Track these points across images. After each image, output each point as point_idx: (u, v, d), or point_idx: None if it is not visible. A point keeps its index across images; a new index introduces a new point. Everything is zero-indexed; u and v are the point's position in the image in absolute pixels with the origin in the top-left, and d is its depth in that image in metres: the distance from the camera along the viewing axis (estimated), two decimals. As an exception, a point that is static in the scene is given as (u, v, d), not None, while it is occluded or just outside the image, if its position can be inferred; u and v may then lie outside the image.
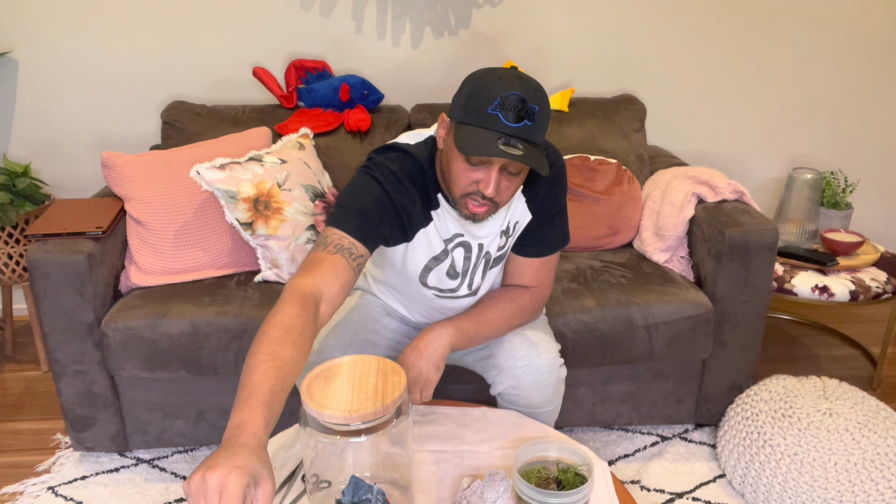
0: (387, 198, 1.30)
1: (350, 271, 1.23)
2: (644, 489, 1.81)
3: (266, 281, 1.92)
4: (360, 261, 1.25)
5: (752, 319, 1.89)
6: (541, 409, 1.48)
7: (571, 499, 1.11)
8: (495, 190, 1.21)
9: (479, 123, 1.17)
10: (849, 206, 2.39)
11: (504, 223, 1.40)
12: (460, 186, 1.24)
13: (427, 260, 1.39)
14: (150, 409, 1.87)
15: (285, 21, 2.36)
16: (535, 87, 1.19)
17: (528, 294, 1.46)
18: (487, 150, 1.14)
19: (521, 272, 1.47)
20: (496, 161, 1.19)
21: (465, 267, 1.41)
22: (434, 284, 1.44)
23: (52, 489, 1.83)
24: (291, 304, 1.11)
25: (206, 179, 1.83)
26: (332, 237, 1.25)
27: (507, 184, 1.23)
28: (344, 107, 2.27)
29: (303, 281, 1.17)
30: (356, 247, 1.25)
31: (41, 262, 1.70)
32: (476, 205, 1.24)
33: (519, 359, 1.43)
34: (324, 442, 1.06)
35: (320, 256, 1.22)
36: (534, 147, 1.19)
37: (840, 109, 2.63)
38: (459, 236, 1.38)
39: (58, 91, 2.39)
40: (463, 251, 1.40)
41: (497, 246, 1.42)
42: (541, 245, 1.44)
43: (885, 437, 1.65)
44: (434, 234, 1.37)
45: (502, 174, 1.21)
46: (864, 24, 2.51)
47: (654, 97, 2.55)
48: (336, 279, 1.20)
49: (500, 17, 2.41)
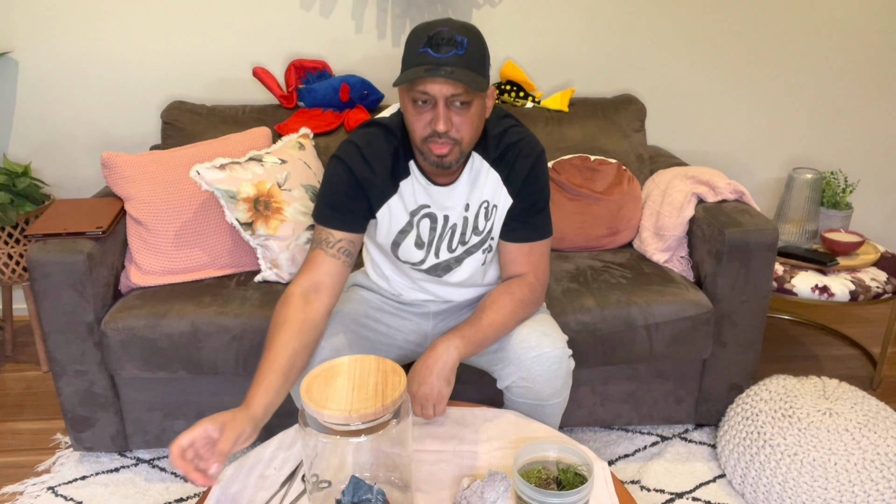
0: (352, 176, 1.40)
1: (332, 260, 1.39)
2: (644, 489, 1.81)
3: (266, 281, 1.92)
4: (340, 245, 1.40)
5: (752, 319, 1.89)
6: (549, 401, 1.48)
7: (571, 499, 1.11)
8: (445, 124, 1.27)
9: (413, 64, 1.26)
10: (849, 206, 2.39)
11: (470, 196, 1.45)
12: (418, 132, 1.31)
13: (395, 234, 1.47)
14: (150, 409, 1.87)
15: (285, 21, 2.36)
16: (462, 24, 1.28)
17: (525, 285, 1.46)
18: (414, 76, 1.23)
19: (513, 259, 1.49)
20: (438, 96, 1.25)
21: (431, 237, 1.47)
22: (406, 258, 1.50)
23: (52, 489, 1.83)
24: (291, 301, 1.33)
25: (206, 179, 1.83)
26: (320, 234, 1.42)
27: (459, 118, 1.29)
28: (344, 107, 2.28)
29: (301, 280, 1.37)
30: (332, 235, 1.40)
31: (41, 262, 1.70)
32: (437, 145, 1.30)
33: (529, 349, 1.43)
34: (324, 442, 1.06)
35: (313, 255, 1.40)
36: (470, 72, 1.25)
37: (840, 109, 2.63)
38: (426, 207, 1.45)
39: (58, 91, 2.39)
40: (429, 222, 1.46)
41: (463, 219, 1.46)
42: (527, 230, 1.47)
43: (885, 437, 1.65)
44: (399, 206, 1.44)
45: (451, 109, 1.28)
46: (864, 25, 2.51)
47: (654, 97, 2.55)
48: (316, 270, 1.38)
49: (500, 17, 2.41)
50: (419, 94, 1.26)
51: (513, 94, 2.37)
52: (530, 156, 1.43)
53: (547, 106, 2.33)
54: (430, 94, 1.26)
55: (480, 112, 1.33)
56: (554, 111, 2.30)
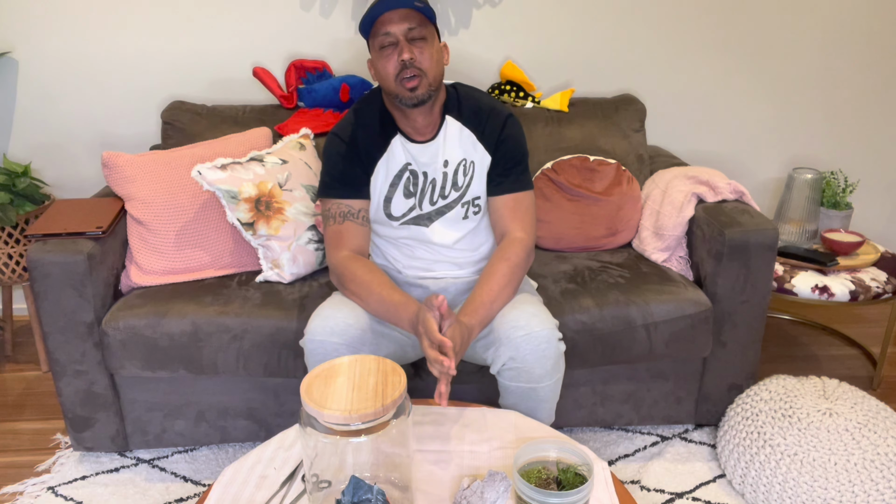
0: (344, 145, 1.59)
1: (362, 228, 1.60)
2: (644, 489, 1.82)
3: (267, 281, 1.92)
4: (362, 214, 1.61)
5: (752, 319, 1.89)
6: (541, 383, 1.50)
7: (571, 499, 1.11)
8: (409, 52, 1.46)
9: (370, 11, 1.46)
10: (849, 206, 2.39)
11: (448, 154, 1.60)
12: (390, 72, 1.49)
13: (387, 189, 1.62)
14: (150, 409, 1.87)
15: (285, 21, 2.36)
16: None
17: (518, 244, 1.58)
18: (373, 12, 1.44)
19: (501, 216, 1.62)
20: (398, 32, 1.46)
21: (416, 189, 1.62)
22: (397, 213, 1.63)
23: (52, 489, 1.83)
24: (353, 264, 1.55)
25: (207, 179, 1.83)
26: (332, 208, 1.60)
27: (419, 51, 1.48)
28: (344, 107, 2.28)
29: (339, 254, 1.57)
30: (352, 206, 1.60)
31: (41, 262, 1.71)
32: (407, 80, 1.47)
33: (518, 329, 1.47)
34: (324, 442, 1.06)
35: (335, 230, 1.59)
36: (418, 5, 1.45)
37: (840, 109, 2.63)
38: (408, 165, 1.61)
39: (58, 91, 2.39)
40: (411, 177, 1.62)
41: (442, 174, 1.61)
42: (509, 181, 1.61)
43: (885, 437, 1.65)
44: (389, 162, 1.61)
45: (412, 44, 1.47)
46: (863, 25, 2.51)
47: (654, 97, 2.55)
48: (356, 239, 1.59)
49: (500, 17, 2.41)
50: (382, 37, 1.47)
51: (513, 94, 2.37)
52: (499, 115, 1.62)
53: (547, 106, 2.33)
54: (392, 33, 1.46)
55: (439, 53, 1.53)
56: (554, 111, 2.30)
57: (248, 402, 1.87)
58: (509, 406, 1.57)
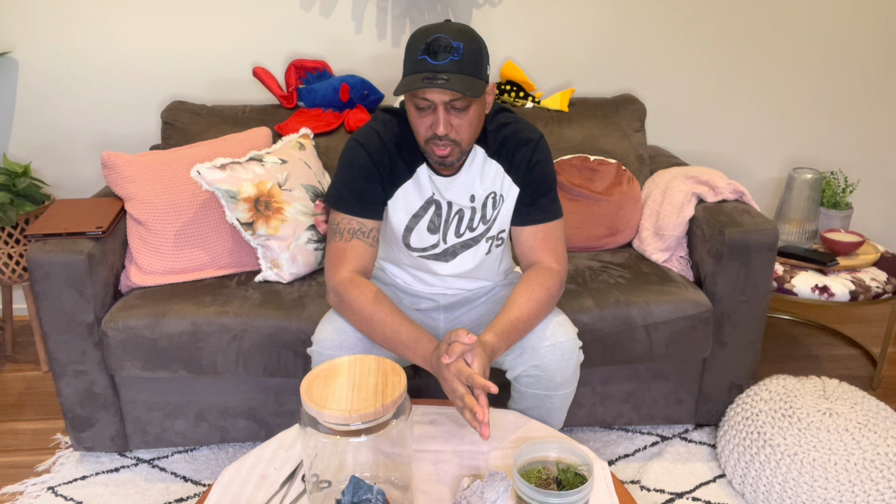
0: (369, 160, 1.45)
1: (370, 248, 1.47)
2: (644, 489, 1.82)
3: (267, 281, 1.92)
4: (373, 234, 1.48)
5: (752, 319, 1.89)
6: (558, 391, 1.49)
7: (571, 499, 1.11)
8: (445, 127, 1.33)
9: (412, 71, 1.32)
10: (849, 206, 2.39)
11: (474, 187, 1.50)
12: (420, 134, 1.38)
13: (408, 219, 1.52)
14: (150, 409, 1.87)
15: (285, 21, 2.36)
16: (459, 27, 1.32)
17: (555, 276, 1.47)
18: (412, 85, 1.28)
19: (530, 246, 1.52)
20: (437, 101, 1.32)
21: (439, 223, 1.53)
22: (417, 245, 1.54)
23: (52, 489, 1.83)
24: (353, 291, 1.41)
25: (206, 179, 1.83)
26: (342, 223, 1.46)
27: (458, 121, 1.35)
28: (344, 107, 2.28)
29: (339, 275, 1.43)
30: (365, 224, 1.46)
31: (41, 262, 1.71)
32: (438, 147, 1.37)
33: (544, 339, 1.45)
34: (324, 442, 1.06)
35: (340, 247, 1.45)
36: (466, 77, 1.30)
37: (840, 109, 2.63)
38: (433, 195, 1.51)
39: (58, 91, 2.39)
40: (435, 208, 1.52)
41: (470, 208, 1.51)
42: (537, 211, 1.51)
43: (885, 437, 1.65)
44: (414, 190, 1.50)
45: (450, 113, 1.34)
46: (863, 25, 2.51)
47: (654, 97, 2.55)
48: (362, 259, 1.45)
49: (500, 17, 2.41)
50: (420, 100, 1.33)
51: (513, 94, 2.37)
52: (528, 143, 1.49)
53: (547, 106, 2.33)
54: (430, 100, 1.32)
55: (480, 112, 1.39)
56: (554, 111, 2.30)
57: (248, 402, 1.87)
58: (521, 410, 1.54)
